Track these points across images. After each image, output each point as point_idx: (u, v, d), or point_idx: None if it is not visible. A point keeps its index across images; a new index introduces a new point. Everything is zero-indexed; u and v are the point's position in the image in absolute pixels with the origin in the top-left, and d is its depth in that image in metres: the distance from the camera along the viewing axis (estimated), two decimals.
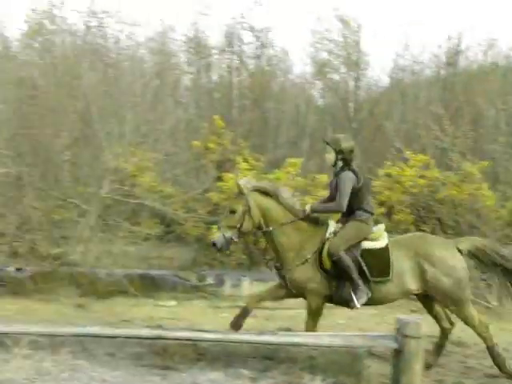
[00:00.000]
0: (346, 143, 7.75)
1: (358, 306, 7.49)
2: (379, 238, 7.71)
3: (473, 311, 7.52)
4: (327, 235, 7.62)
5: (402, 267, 7.51)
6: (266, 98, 17.72)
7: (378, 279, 7.48)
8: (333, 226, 7.72)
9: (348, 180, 7.62)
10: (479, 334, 7.51)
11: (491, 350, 7.45)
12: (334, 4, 25.03)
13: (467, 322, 7.53)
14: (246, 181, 7.98)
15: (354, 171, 7.71)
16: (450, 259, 7.47)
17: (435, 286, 7.37)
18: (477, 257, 7.73)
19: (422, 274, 7.39)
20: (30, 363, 5.85)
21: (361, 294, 7.44)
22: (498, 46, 18.48)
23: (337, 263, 7.45)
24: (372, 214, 7.80)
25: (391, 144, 14.54)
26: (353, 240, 7.61)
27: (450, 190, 12.92)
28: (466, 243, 7.69)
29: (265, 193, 7.76)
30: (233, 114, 16.89)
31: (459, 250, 7.59)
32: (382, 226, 7.88)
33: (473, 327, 7.52)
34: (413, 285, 7.46)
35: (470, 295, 7.65)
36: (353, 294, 7.44)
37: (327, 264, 7.48)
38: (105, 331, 5.79)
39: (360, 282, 7.42)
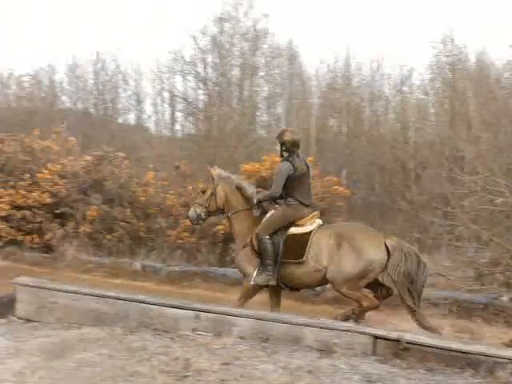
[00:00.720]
0: (288, 137, 8.35)
1: (252, 282, 8.09)
2: (307, 224, 8.14)
3: (364, 292, 7.88)
4: (263, 221, 8.28)
5: (321, 248, 7.95)
6: None
7: (293, 261, 8.01)
8: (270, 212, 8.32)
9: (282, 169, 8.22)
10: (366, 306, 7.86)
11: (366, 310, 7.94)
12: None
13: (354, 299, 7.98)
14: (220, 171, 8.91)
15: (291, 162, 8.19)
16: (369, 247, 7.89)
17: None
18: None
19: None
20: None
21: (263, 274, 8.05)
22: None
23: (258, 246, 8.11)
24: (301, 202, 8.20)
25: None
26: (277, 224, 8.16)
27: None
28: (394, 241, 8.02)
29: (231, 183, 8.72)
30: None
31: (385, 244, 7.91)
32: (315, 213, 8.34)
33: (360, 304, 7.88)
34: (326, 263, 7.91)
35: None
36: (255, 271, 8.09)
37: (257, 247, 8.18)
38: None
39: (269, 265, 8.03)
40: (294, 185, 8.20)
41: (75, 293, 7.03)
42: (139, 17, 43.02)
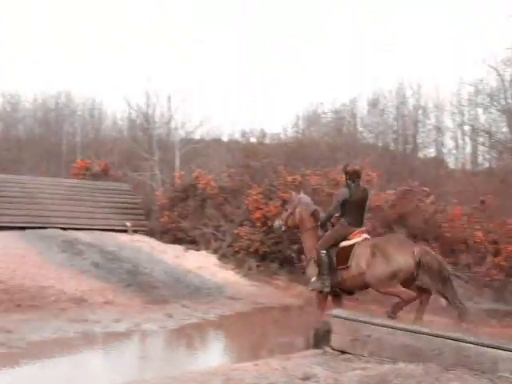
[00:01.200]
0: (349, 167, 10.07)
1: (309, 288, 10.10)
2: (354, 238, 9.76)
3: (398, 289, 9.32)
4: (321, 238, 10.09)
5: (360, 256, 9.55)
6: None
7: (342, 267, 9.67)
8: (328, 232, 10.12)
9: (338, 194, 10.18)
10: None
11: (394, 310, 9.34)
12: None
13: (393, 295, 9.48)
14: (302, 195, 10.95)
15: (348, 189, 9.90)
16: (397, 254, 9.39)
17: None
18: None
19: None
20: None
21: (317, 282, 9.77)
22: None
23: (317, 258, 9.89)
24: (350, 223, 9.82)
25: None
26: (331, 241, 9.85)
27: None
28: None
29: (309, 208, 10.55)
30: None
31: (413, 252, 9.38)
32: (362, 229, 9.92)
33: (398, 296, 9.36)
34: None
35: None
36: (313, 279, 9.90)
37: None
38: None
39: (324, 275, 9.71)
40: (348, 208, 9.93)
41: (390, 327, 7.02)
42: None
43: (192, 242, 16.83)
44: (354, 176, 9.99)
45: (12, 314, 10.58)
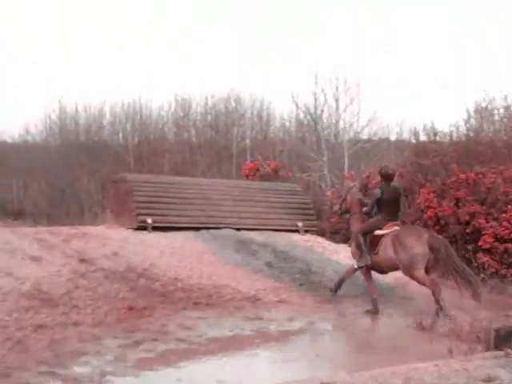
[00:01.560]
0: (383, 171, 12.51)
1: (356, 266, 12.47)
2: (385, 229, 12.01)
3: (419, 277, 11.46)
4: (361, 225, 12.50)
5: (386, 245, 11.83)
6: None
7: (373, 251, 12.05)
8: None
9: (373, 194, 12.70)
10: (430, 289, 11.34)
11: (436, 299, 11.14)
12: None
13: (419, 282, 11.67)
14: (354, 184, 14.05)
15: (381, 189, 12.25)
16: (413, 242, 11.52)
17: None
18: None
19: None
20: None
21: (362, 260, 12.22)
22: None
23: (357, 240, 12.30)
24: (384, 218, 12.07)
25: None
26: (367, 228, 12.24)
27: None
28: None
29: (357, 196, 12.96)
30: None
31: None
32: (395, 223, 12.11)
33: (424, 285, 11.55)
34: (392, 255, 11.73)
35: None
36: (356, 259, 12.47)
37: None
38: None
39: (364, 253, 12.11)
40: (382, 205, 12.15)
41: None
42: None
43: None
44: (386, 178, 12.35)
45: (190, 311, 10.94)
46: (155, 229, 15.31)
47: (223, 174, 28.57)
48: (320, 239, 16.80)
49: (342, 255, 15.07)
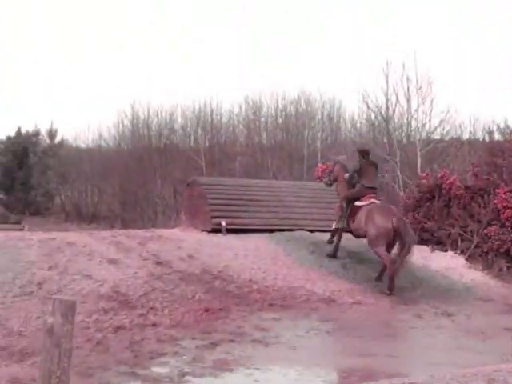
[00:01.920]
0: (359, 148, 15.88)
1: (334, 226, 14.48)
2: (364, 201, 13.83)
3: (379, 251, 13.13)
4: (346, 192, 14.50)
5: (361, 216, 13.63)
6: None
7: (351, 219, 13.93)
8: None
9: (353, 166, 14.59)
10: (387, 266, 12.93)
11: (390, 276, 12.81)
12: None
13: (379, 256, 13.29)
14: (340, 158, 16.38)
15: (360, 162, 14.34)
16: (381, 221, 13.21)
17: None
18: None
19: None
20: None
21: (339, 223, 14.26)
22: None
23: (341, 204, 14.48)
24: (364, 186, 14.00)
25: None
26: (349, 196, 14.22)
27: None
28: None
29: (343, 165, 14.97)
30: None
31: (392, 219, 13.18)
32: (373, 195, 13.97)
33: (382, 260, 13.19)
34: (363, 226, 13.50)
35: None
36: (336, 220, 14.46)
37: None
38: None
39: (343, 217, 14.15)
40: (361, 175, 14.12)
41: None
42: None
43: (438, 243, 16.53)
44: (363, 154, 14.57)
45: (266, 313, 10.98)
46: (229, 231, 15.43)
47: (294, 176, 28.58)
48: None
49: (417, 256, 14.91)
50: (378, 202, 14.05)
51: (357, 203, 13.89)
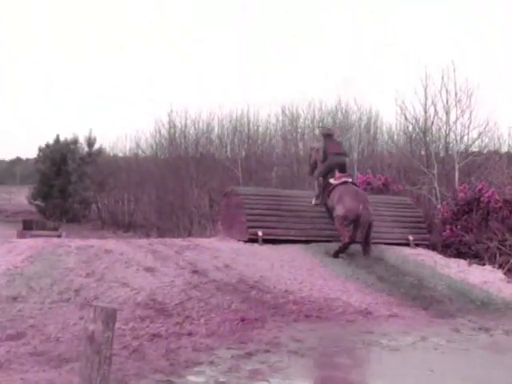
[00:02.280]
0: (323, 130, 18.89)
1: (313, 202, 16.94)
2: (336, 180, 15.85)
3: (341, 228, 15.17)
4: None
5: (333, 196, 15.64)
6: None
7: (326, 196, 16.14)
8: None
9: (320, 148, 17.04)
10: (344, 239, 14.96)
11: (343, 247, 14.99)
12: None
13: (341, 233, 15.15)
14: (315, 144, 18.81)
15: (324, 143, 16.94)
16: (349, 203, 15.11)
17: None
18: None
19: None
20: None
21: (318, 199, 16.82)
22: None
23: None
24: (330, 153, 16.36)
25: None
26: (324, 170, 16.51)
27: None
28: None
29: (318, 149, 17.19)
30: None
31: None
32: (345, 175, 16.06)
33: (342, 235, 15.03)
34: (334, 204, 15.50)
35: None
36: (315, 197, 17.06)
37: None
38: None
39: (320, 194, 16.73)
40: (327, 150, 16.35)
41: None
42: None
43: (476, 257, 16.40)
44: (327, 135, 17.10)
45: (301, 324, 10.94)
46: (265, 241, 15.44)
47: None
48: (431, 253, 16.56)
49: (455, 270, 14.82)
50: (349, 180, 16.16)
51: (331, 181, 15.98)
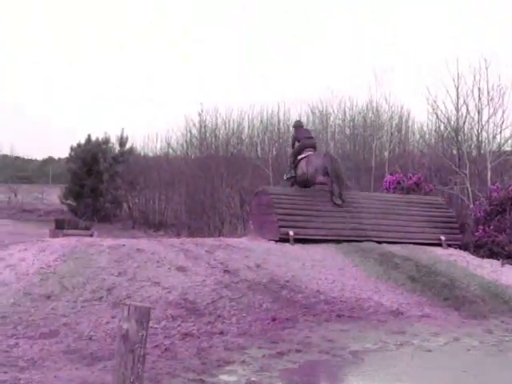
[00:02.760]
0: (295, 123, 19.91)
1: (285, 177, 18.91)
2: (303, 154, 17.88)
3: (320, 178, 17.21)
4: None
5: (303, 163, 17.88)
6: None
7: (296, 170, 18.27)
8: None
9: (293, 136, 19.51)
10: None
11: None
12: None
13: (320, 183, 17.49)
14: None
15: (295, 132, 19.13)
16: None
17: None
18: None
19: None
20: None
21: (289, 173, 18.77)
22: None
23: None
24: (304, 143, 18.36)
25: None
26: (296, 150, 18.47)
27: None
28: None
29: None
30: None
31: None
32: (311, 150, 18.08)
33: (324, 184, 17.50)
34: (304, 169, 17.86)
35: None
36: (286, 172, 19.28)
37: None
38: None
39: (291, 168, 18.49)
40: (298, 136, 18.50)
41: None
42: None
43: (509, 257, 16.25)
44: (298, 126, 18.98)
45: (333, 324, 10.92)
46: (296, 241, 15.43)
47: (361, 186, 28.32)
48: (463, 253, 16.43)
49: (487, 270, 14.70)
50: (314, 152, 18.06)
51: (299, 157, 17.94)
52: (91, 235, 19.28)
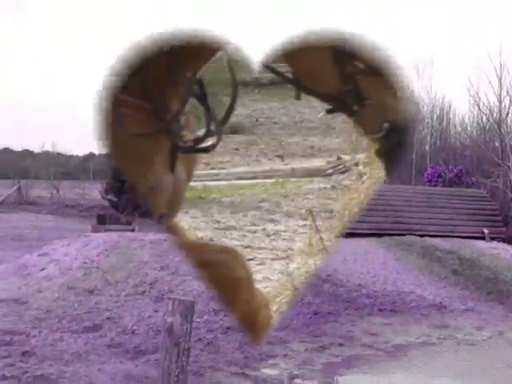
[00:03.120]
0: None
1: None
2: None
3: None
4: None
5: None
6: None
7: None
8: None
9: None
10: None
11: None
12: None
13: None
14: None
15: None
16: None
17: None
18: None
19: None
20: None
21: None
22: None
23: None
24: None
25: None
26: None
27: None
28: None
29: None
30: None
31: None
32: None
33: None
34: None
35: None
36: None
37: None
38: None
39: None
40: None
41: None
42: None
43: None
44: None
45: (375, 317, 10.86)
46: None
47: (402, 179, 28.17)
48: (507, 246, 16.23)
49: None
50: None
51: None
52: (133, 230, 19.48)
